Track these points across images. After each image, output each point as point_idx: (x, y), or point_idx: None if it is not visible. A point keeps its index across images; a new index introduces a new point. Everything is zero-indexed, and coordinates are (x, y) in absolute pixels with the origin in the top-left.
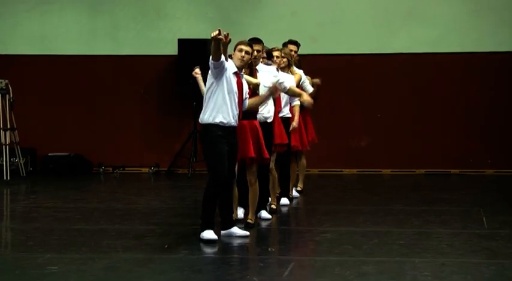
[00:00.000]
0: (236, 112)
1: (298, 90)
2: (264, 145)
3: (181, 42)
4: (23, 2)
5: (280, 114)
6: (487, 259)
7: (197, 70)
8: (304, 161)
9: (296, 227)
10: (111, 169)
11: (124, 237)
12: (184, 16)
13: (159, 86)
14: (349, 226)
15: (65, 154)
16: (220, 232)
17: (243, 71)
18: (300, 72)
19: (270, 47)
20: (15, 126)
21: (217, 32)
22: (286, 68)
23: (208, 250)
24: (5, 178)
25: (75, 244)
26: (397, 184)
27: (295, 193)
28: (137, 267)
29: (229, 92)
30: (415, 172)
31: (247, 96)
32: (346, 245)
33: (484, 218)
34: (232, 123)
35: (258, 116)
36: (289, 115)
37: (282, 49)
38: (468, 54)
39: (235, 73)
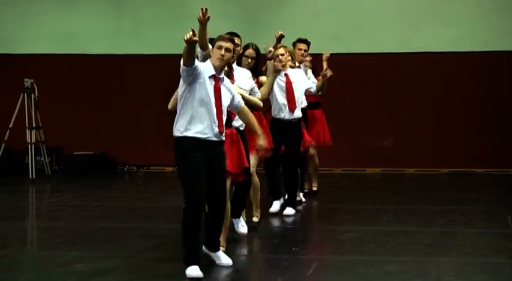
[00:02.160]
0: (213, 123)
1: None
2: (244, 154)
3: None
4: (48, 2)
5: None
6: (510, 259)
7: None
8: (316, 161)
9: (319, 226)
10: (135, 168)
11: (148, 236)
12: (211, 15)
13: None
14: (372, 225)
15: (90, 152)
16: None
17: (223, 73)
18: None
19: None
20: (40, 125)
21: (191, 33)
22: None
23: (233, 249)
24: (30, 177)
25: (99, 243)
26: (421, 183)
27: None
28: (162, 265)
29: (204, 99)
30: (438, 171)
31: (240, 99)
32: (370, 245)
33: (509, 218)
34: (211, 137)
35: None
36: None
37: (286, 47)
38: (489, 52)
39: (212, 76)
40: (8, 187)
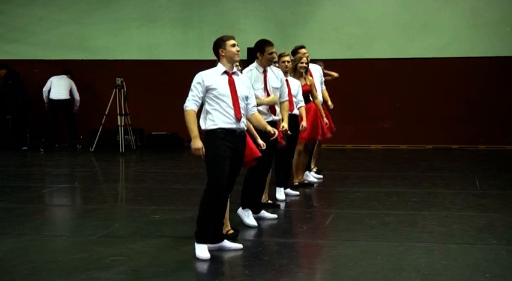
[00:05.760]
0: (231, 114)
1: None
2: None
3: (250, 50)
4: (134, 21)
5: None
6: (480, 213)
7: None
8: (296, 157)
9: (335, 188)
10: None
11: None
12: (253, 30)
13: None
14: (375, 187)
15: (164, 132)
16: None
17: (235, 67)
18: (318, 68)
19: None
20: (128, 112)
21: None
22: (292, 73)
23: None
24: (120, 150)
25: (171, 199)
26: (411, 156)
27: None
28: None
29: (221, 96)
30: (424, 147)
31: (254, 104)
32: (372, 202)
33: (477, 182)
34: (234, 126)
35: None
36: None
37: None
38: (468, 58)
39: (225, 72)
40: (104, 158)
